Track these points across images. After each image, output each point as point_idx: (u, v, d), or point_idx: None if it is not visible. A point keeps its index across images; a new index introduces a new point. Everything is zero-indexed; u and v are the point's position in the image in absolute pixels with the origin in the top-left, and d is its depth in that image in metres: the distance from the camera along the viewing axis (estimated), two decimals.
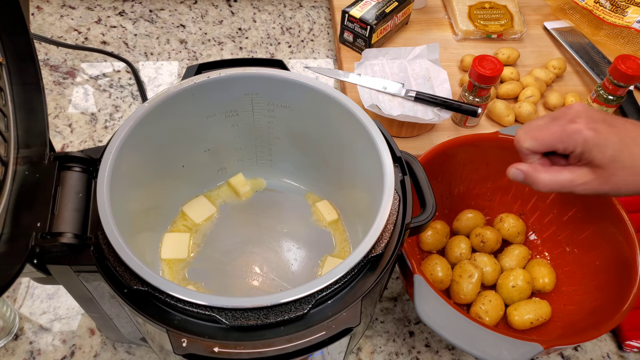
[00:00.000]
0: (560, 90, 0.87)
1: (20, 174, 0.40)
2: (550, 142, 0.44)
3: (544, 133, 0.44)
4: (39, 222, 0.39)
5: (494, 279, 0.62)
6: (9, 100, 0.41)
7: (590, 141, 0.42)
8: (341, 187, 0.60)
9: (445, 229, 0.65)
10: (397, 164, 0.48)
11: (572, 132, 0.42)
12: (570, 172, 0.44)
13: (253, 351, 0.37)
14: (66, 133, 0.78)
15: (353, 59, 0.89)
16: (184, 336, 0.37)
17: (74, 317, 0.61)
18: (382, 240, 0.43)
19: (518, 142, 0.46)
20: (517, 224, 0.66)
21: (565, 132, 0.43)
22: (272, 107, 0.56)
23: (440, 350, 0.62)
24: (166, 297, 0.38)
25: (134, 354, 0.59)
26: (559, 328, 0.58)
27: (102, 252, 0.41)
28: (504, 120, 0.80)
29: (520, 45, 0.95)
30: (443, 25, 0.97)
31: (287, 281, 0.56)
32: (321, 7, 1.02)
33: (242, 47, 0.93)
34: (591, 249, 0.62)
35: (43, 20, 0.92)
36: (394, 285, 0.67)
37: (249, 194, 0.63)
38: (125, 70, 0.87)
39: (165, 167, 0.55)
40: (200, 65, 0.52)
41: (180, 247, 0.58)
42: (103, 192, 0.42)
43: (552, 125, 0.44)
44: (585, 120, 0.42)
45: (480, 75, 0.73)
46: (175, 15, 0.97)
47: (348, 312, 0.39)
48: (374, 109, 0.73)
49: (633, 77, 0.74)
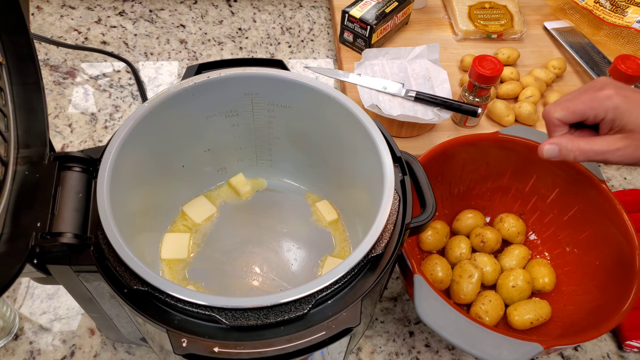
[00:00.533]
0: (561, 90, 0.87)
1: (20, 174, 0.40)
2: (582, 110, 0.44)
3: (575, 102, 0.44)
4: (39, 222, 0.39)
5: (494, 279, 0.62)
6: (9, 100, 0.41)
7: (622, 106, 0.42)
8: (341, 187, 0.60)
9: (445, 229, 0.65)
10: (397, 164, 0.48)
11: (604, 98, 0.42)
12: (604, 140, 0.44)
13: (253, 351, 0.37)
14: (66, 133, 0.78)
15: (353, 59, 0.89)
16: (184, 336, 0.37)
17: (74, 317, 0.61)
18: (382, 240, 0.43)
19: (548, 114, 0.46)
20: (517, 224, 0.66)
21: (597, 99, 0.43)
22: (272, 107, 0.56)
23: (440, 350, 0.62)
24: (166, 297, 0.38)
25: (134, 354, 0.59)
26: (559, 328, 0.58)
27: (102, 252, 0.41)
28: (504, 120, 0.80)
29: (520, 45, 0.95)
30: (443, 25, 0.97)
31: (287, 281, 0.56)
32: (321, 7, 1.02)
33: (242, 47, 0.93)
34: (591, 249, 0.62)
35: (43, 20, 0.92)
36: (394, 285, 0.67)
37: (250, 194, 0.63)
38: (125, 70, 0.87)
39: (165, 167, 0.55)
40: (200, 65, 0.52)
41: (180, 247, 0.58)
42: (103, 192, 0.42)
43: (582, 94, 0.44)
44: (614, 88, 0.43)
45: (480, 75, 0.73)
46: (175, 15, 0.97)
47: (348, 312, 0.39)
48: (374, 109, 0.73)
49: (633, 77, 0.74)
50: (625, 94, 0.42)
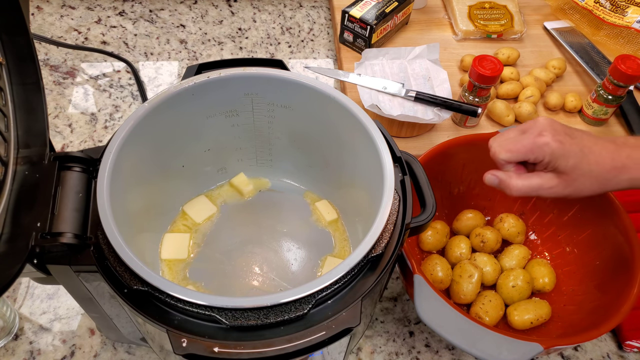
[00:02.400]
0: (560, 90, 0.87)
1: (20, 174, 0.40)
2: (524, 153, 0.49)
3: (517, 146, 0.50)
4: (39, 222, 0.39)
5: (494, 279, 0.62)
6: (9, 100, 0.41)
7: (557, 152, 0.48)
8: (341, 187, 0.60)
9: (445, 229, 0.65)
10: (397, 164, 0.48)
11: (542, 144, 0.48)
12: (539, 177, 0.50)
13: (253, 351, 0.37)
14: (66, 133, 0.78)
15: (353, 59, 0.89)
16: (184, 336, 0.37)
17: (74, 317, 0.61)
18: (382, 240, 0.43)
19: (494, 155, 0.52)
20: (517, 224, 0.66)
21: (536, 144, 0.48)
22: (272, 107, 0.56)
23: (440, 350, 0.62)
24: (166, 297, 0.38)
25: (134, 354, 0.59)
26: (559, 328, 0.58)
27: (102, 252, 0.41)
28: (504, 120, 0.80)
29: (520, 45, 0.95)
30: (443, 25, 0.97)
31: (287, 281, 0.56)
32: (321, 7, 1.02)
33: (242, 47, 0.93)
34: (591, 249, 0.62)
35: (43, 20, 0.92)
36: (394, 285, 0.67)
37: (252, 193, 0.63)
38: (125, 70, 0.87)
39: (165, 167, 0.55)
40: (200, 65, 0.52)
41: (180, 247, 0.58)
42: (103, 192, 0.42)
43: (523, 138, 0.49)
44: (552, 134, 0.48)
45: (480, 75, 0.73)
46: (175, 15, 0.97)
47: (348, 312, 0.39)
48: (374, 109, 0.73)
49: (633, 77, 0.74)
50: (561, 139, 0.48)
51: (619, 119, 0.84)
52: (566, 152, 0.47)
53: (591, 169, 0.48)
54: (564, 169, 0.48)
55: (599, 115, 0.81)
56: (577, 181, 0.48)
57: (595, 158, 0.48)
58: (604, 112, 0.80)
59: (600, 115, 0.81)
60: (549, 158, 0.48)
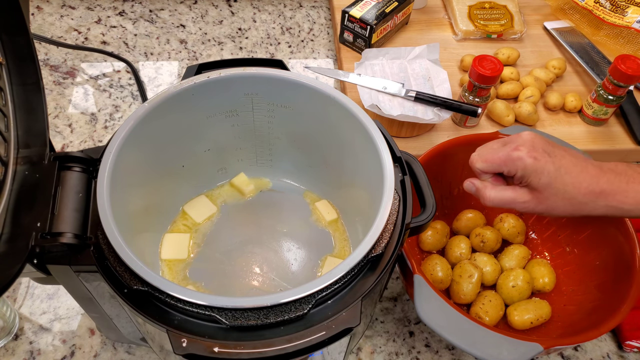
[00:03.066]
0: (560, 90, 0.87)
1: (20, 174, 0.40)
2: (498, 165, 0.49)
3: (494, 157, 0.50)
4: (39, 222, 0.39)
5: (494, 279, 0.62)
6: (9, 100, 0.41)
7: (529, 167, 0.47)
8: (341, 187, 0.60)
9: (445, 229, 0.65)
10: (397, 164, 0.48)
11: (515, 158, 0.48)
12: (512, 191, 0.49)
13: (253, 351, 0.37)
14: (66, 133, 0.78)
15: (353, 59, 0.89)
16: (184, 336, 0.37)
17: (74, 317, 0.61)
18: (382, 240, 0.43)
19: (471, 163, 0.52)
20: (517, 224, 0.66)
21: (510, 157, 0.48)
22: (272, 107, 0.56)
23: (440, 350, 0.62)
24: (166, 297, 0.38)
25: (134, 354, 0.59)
26: (559, 328, 0.58)
27: (102, 252, 0.41)
28: (504, 120, 0.80)
29: (520, 45, 0.95)
30: (443, 25, 0.97)
31: (287, 281, 0.56)
32: (321, 7, 1.02)
33: (242, 47, 0.93)
34: (591, 249, 0.62)
35: (43, 20, 0.92)
36: (394, 285, 0.67)
37: (253, 193, 0.63)
38: (125, 70, 0.87)
39: (166, 167, 0.55)
40: (200, 65, 0.52)
41: (180, 247, 0.58)
42: (103, 192, 0.42)
43: (500, 150, 0.49)
44: (528, 149, 0.47)
45: (480, 75, 0.73)
46: (175, 15, 0.97)
47: (348, 312, 0.39)
48: (374, 109, 0.73)
49: (633, 77, 0.74)
50: (536, 155, 0.47)
51: (619, 119, 0.84)
52: (539, 168, 0.47)
53: (566, 190, 0.47)
54: (536, 185, 0.47)
55: (599, 115, 0.81)
56: (549, 200, 0.48)
57: (571, 179, 0.46)
58: (604, 112, 0.80)
59: (600, 115, 0.81)
60: (522, 173, 0.47)
